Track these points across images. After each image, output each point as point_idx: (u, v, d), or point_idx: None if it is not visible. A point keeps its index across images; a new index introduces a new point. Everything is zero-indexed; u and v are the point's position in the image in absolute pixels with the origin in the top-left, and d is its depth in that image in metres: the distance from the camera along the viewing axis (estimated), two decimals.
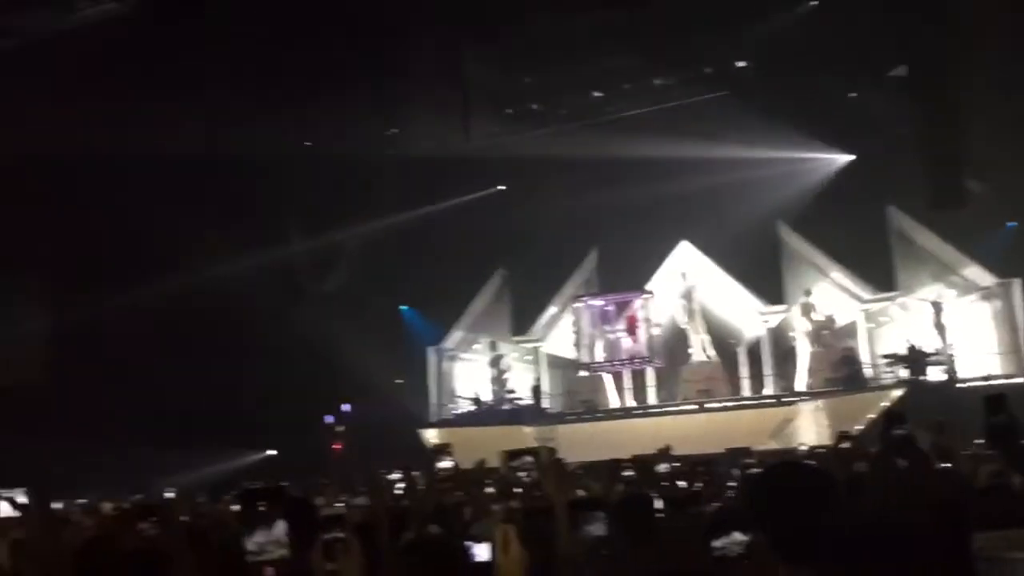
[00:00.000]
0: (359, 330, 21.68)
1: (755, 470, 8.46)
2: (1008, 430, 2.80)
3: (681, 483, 8.34)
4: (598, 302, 24.75)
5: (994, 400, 2.88)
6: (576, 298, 24.92)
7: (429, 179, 24.22)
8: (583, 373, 25.24)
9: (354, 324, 21.72)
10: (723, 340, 24.56)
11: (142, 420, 19.43)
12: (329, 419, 23.51)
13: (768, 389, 23.29)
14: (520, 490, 6.61)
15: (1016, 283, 20.70)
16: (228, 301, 20.29)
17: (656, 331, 24.10)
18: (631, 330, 24.18)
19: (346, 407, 23.48)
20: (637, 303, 24.27)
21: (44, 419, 18.87)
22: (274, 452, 21.47)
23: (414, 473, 5.63)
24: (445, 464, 4.86)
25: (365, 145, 23.85)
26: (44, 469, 14.55)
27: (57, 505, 7.26)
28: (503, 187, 24.99)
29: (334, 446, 23.14)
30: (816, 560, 1.89)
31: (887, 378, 20.74)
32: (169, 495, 8.49)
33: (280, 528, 2.07)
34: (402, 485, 5.49)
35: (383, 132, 24.72)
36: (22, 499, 3.44)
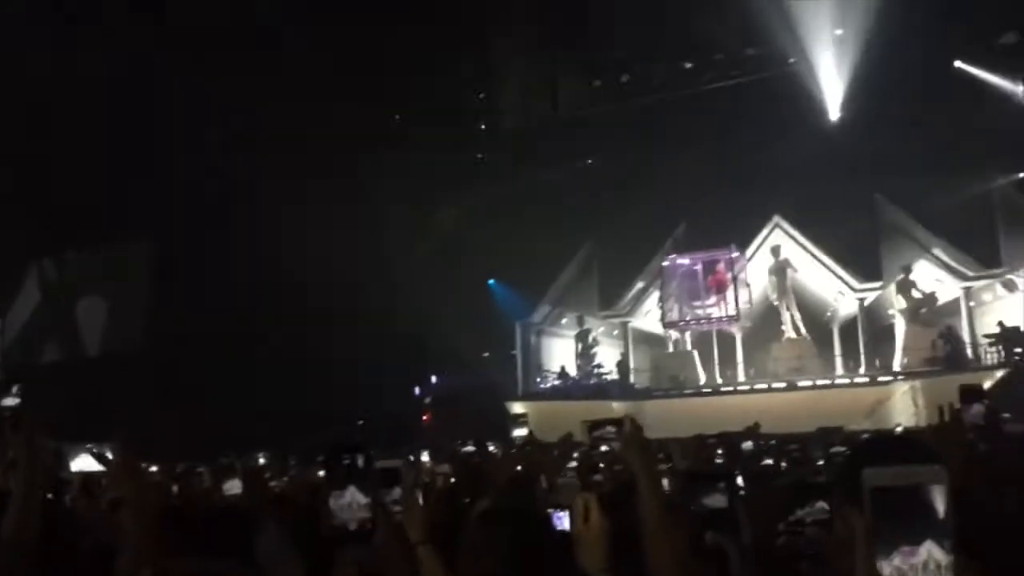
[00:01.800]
0: (449, 304, 21.80)
1: (839, 448, 8.20)
2: None
3: (767, 461, 8.13)
4: (685, 260, 24.37)
5: None
6: (664, 258, 24.48)
7: (517, 152, 24.16)
8: (672, 342, 24.92)
9: (444, 298, 21.85)
10: (816, 317, 23.97)
11: (234, 390, 19.94)
12: (418, 391, 23.84)
13: (862, 368, 22.64)
14: (602, 464, 6.52)
15: None
16: (318, 274, 20.62)
17: (744, 294, 23.68)
18: (719, 290, 23.74)
19: (435, 379, 23.74)
20: (725, 262, 23.81)
21: (142, 386, 19.61)
22: (361, 422, 21.76)
23: (490, 444, 5.59)
24: (520, 432, 4.77)
25: (454, 116, 23.93)
26: (139, 432, 15.10)
27: (152, 468, 7.51)
28: (591, 160, 24.77)
29: (423, 416, 23.44)
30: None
31: (989, 359, 19.91)
32: (261, 460, 8.64)
33: (362, 491, 2.03)
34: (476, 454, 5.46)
35: (472, 104, 24.76)
36: (110, 455, 3.51)
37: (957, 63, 21.42)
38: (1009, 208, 21.26)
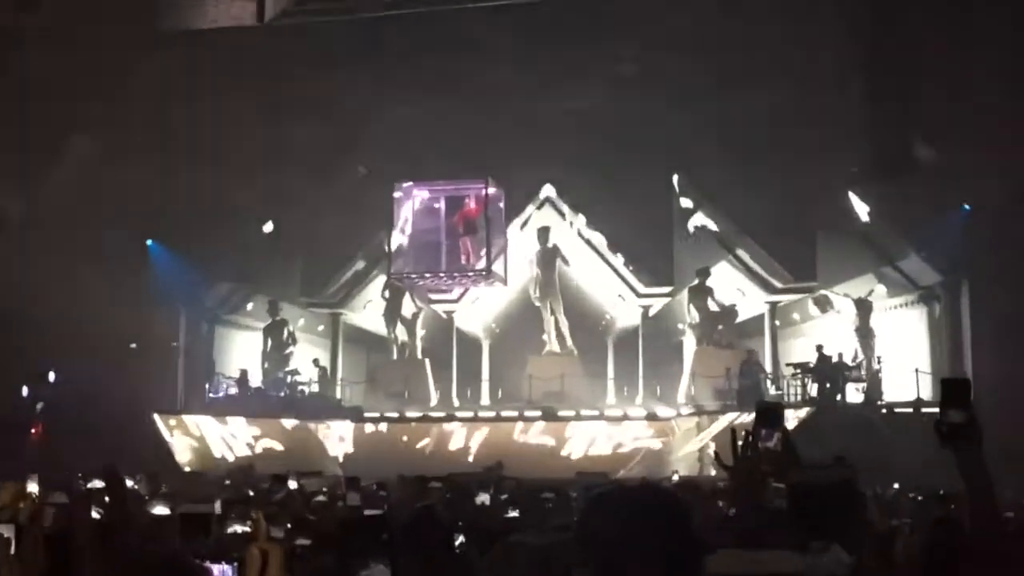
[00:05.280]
0: (85, 271, 20.63)
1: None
2: (965, 431, 2.81)
3: (513, 513, 8.35)
4: (424, 192, 22.94)
5: (954, 387, 2.86)
6: (396, 187, 22.91)
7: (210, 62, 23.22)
8: (397, 346, 24.99)
9: (77, 263, 20.65)
10: (587, 326, 24.85)
11: None
12: (27, 391, 22.64)
13: (639, 397, 23.78)
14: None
15: (964, 284, 21.16)
16: None
17: (499, 248, 22.60)
18: (468, 230, 22.48)
19: (53, 376, 22.58)
20: (477, 197, 22.37)
21: None
22: None
23: (129, 480, 5.36)
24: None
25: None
26: None
27: None
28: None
29: (32, 428, 22.27)
30: None
31: (793, 394, 21.39)
32: None
33: None
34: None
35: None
36: None
37: None
38: (831, 214, 22.57)
